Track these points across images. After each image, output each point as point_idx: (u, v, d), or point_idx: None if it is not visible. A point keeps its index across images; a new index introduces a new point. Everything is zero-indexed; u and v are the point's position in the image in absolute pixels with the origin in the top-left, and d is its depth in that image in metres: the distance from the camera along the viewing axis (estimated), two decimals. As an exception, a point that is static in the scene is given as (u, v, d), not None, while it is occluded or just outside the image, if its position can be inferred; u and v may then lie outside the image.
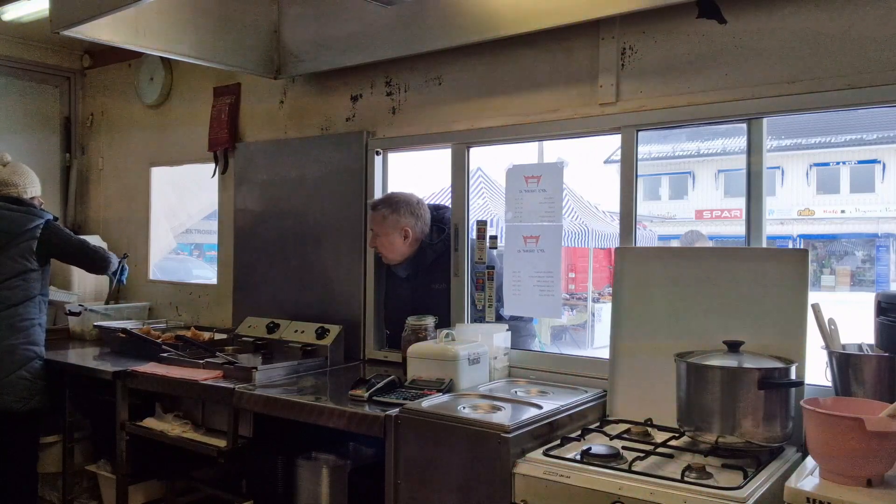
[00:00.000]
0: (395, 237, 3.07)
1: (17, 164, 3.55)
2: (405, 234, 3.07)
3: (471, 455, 2.05)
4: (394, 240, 3.08)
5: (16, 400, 3.19)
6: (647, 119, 2.57)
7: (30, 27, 4.07)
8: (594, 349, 9.01)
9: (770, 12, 2.33)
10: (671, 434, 2.12)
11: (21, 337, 3.25)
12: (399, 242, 3.08)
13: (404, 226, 3.06)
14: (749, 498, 1.68)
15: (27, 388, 3.22)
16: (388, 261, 3.16)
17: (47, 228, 3.38)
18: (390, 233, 3.07)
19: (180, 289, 4.26)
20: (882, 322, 2.01)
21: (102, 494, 3.33)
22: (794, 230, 18.60)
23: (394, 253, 3.11)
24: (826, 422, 1.71)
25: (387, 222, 3.07)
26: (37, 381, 3.26)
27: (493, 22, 2.75)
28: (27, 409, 3.22)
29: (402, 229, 3.06)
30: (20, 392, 3.20)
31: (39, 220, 3.38)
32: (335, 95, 3.49)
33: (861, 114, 13.90)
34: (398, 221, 3.06)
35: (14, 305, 3.26)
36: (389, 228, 3.07)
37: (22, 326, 3.26)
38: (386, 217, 3.07)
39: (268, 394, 2.60)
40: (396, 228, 3.06)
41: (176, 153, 4.25)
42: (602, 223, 10.95)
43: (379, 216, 3.09)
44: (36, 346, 3.31)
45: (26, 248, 3.29)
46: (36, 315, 3.33)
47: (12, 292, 3.26)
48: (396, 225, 3.06)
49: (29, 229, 3.31)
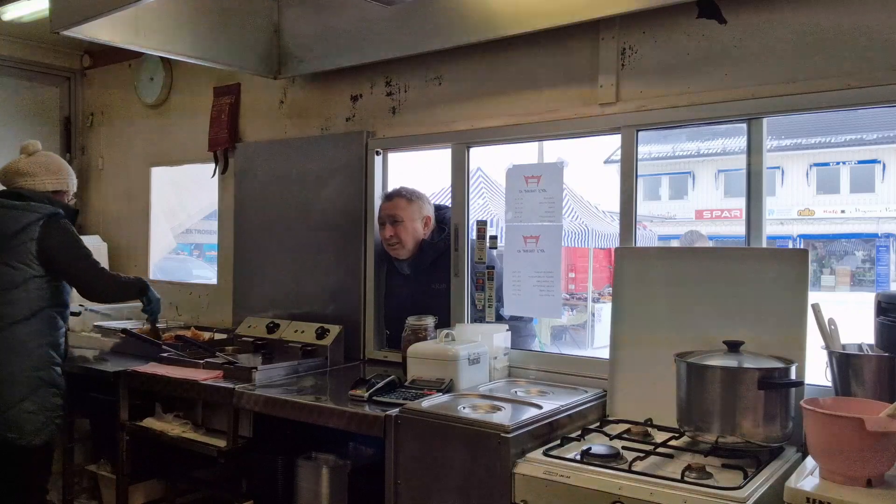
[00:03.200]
0: (418, 223, 3.10)
1: (44, 154, 3.12)
2: (426, 221, 3.11)
3: (471, 455, 2.05)
4: (416, 226, 3.10)
5: (19, 436, 2.74)
6: (647, 119, 2.57)
7: (30, 27, 4.06)
8: (594, 349, 9.01)
9: (770, 12, 2.33)
10: (671, 434, 2.12)
11: (25, 361, 2.77)
12: (420, 230, 3.11)
13: (426, 214, 3.11)
14: (749, 498, 1.68)
15: (32, 421, 2.76)
16: (398, 255, 3.15)
17: (48, 224, 2.83)
18: (415, 218, 3.09)
19: (180, 289, 4.25)
20: (882, 322, 2.01)
21: (102, 494, 3.33)
22: (794, 230, 18.61)
23: (411, 242, 3.11)
24: (826, 422, 1.71)
25: (412, 207, 3.09)
26: (44, 414, 2.79)
27: (493, 22, 2.75)
28: (32, 445, 2.78)
29: (424, 217, 3.10)
30: (25, 427, 2.75)
31: (38, 214, 2.82)
32: (335, 95, 3.49)
33: (861, 114, 13.91)
34: (421, 209, 3.10)
35: (14, 323, 2.74)
36: (414, 213, 3.09)
37: (26, 349, 2.77)
38: (411, 202, 3.10)
39: (268, 394, 2.60)
40: (419, 215, 3.10)
41: (176, 153, 4.25)
42: (602, 223, 10.95)
43: (403, 202, 3.10)
44: (43, 371, 2.80)
45: (24, 252, 2.78)
46: (46, 333, 2.83)
47: (12, 307, 2.75)
48: (420, 211, 3.10)
49: (23, 228, 2.79)
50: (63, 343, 2.93)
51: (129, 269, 4.43)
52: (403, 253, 3.14)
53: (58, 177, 3.07)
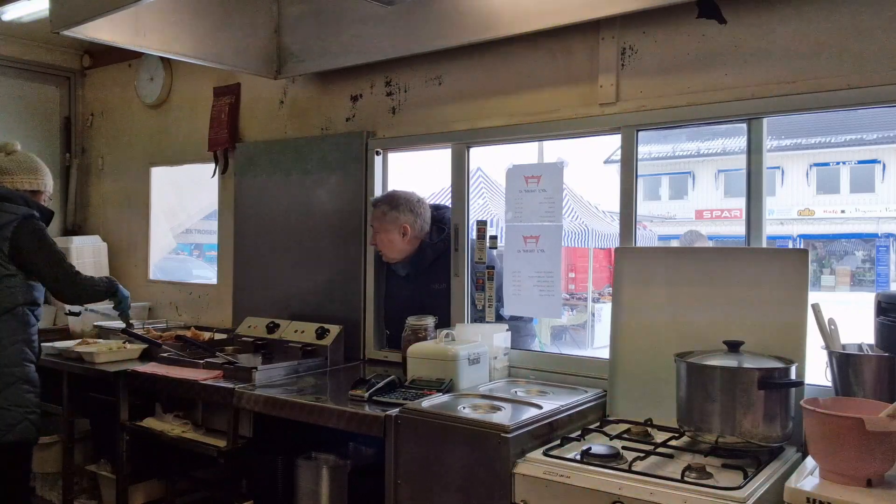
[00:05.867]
0: (394, 234, 3.08)
1: (23, 153, 3.15)
2: (404, 231, 3.08)
3: (471, 455, 2.05)
4: (393, 237, 3.08)
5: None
6: (647, 119, 2.57)
7: (30, 27, 4.07)
8: (594, 349, 9.01)
9: (770, 12, 2.33)
10: (671, 434, 2.12)
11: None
12: (398, 239, 3.09)
13: (403, 223, 3.07)
14: (749, 498, 1.68)
15: (5, 418, 2.75)
16: (387, 259, 3.17)
17: (21, 225, 2.82)
18: (389, 229, 3.08)
19: (180, 289, 4.25)
20: (882, 322, 2.01)
21: (102, 494, 3.33)
22: (794, 230, 18.62)
23: (393, 250, 3.12)
24: (826, 422, 1.71)
25: (386, 219, 3.08)
26: (17, 410, 2.78)
27: (493, 22, 2.75)
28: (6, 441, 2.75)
29: (400, 226, 3.07)
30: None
31: (12, 215, 2.82)
32: (335, 95, 3.49)
33: (861, 114, 13.90)
34: (397, 218, 3.07)
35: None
36: (389, 225, 3.07)
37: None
38: (385, 214, 3.08)
39: (268, 394, 2.60)
40: (395, 225, 3.07)
41: (176, 153, 4.25)
42: (602, 223, 10.95)
43: (379, 213, 3.10)
44: (16, 368, 2.79)
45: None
46: (17, 330, 2.82)
47: None
48: (395, 222, 3.07)
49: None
50: (36, 340, 2.92)
51: (129, 269, 4.44)
52: (390, 258, 3.16)
53: (35, 176, 3.08)
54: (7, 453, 2.79)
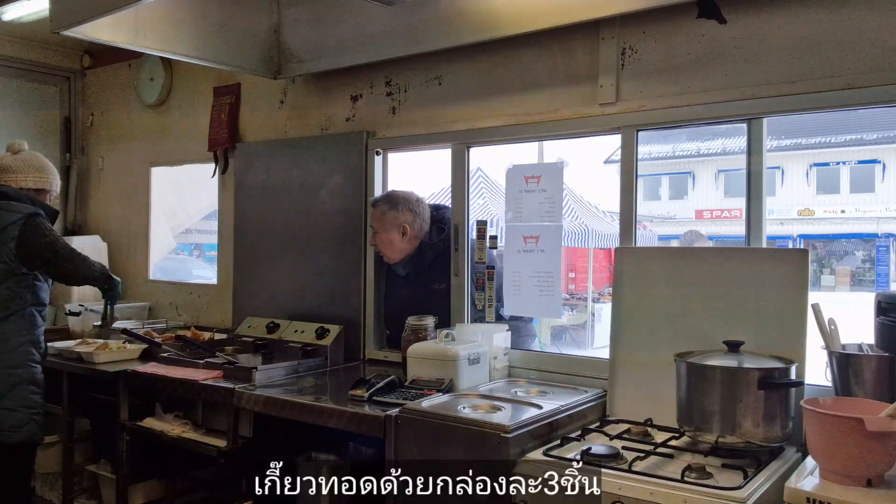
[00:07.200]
0: (394, 234, 3.08)
1: (30, 153, 3.15)
2: (403, 230, 3.08)
3: (471, 455, 2.05)
4: (392, 237, 3.08)
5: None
6: (647, 119, 2.57)
7: (30, 27, 4.07)
8: (594, 349, 9.00)
9: (770, 12, 2.33)
10: (671, 434, 2.12)
11: (4, 359, 2.79)
12: (397, 239, 3.09)
13: (402, 222, 3.07)
14: (749, 498, 1.68)
15: (11, 418, 2.78)
16: (387, 259, 3.17)
17: (26, 223, 2.84)
18: (389, 229, 3.08)
19: (180, 289, 4.25)
20: (882, 322, 2.01)
21: (102, 494, 3.33)
22: (794, 230, 18.60)
23: (392, 251, 3.12)
24: (826, 422, 1.71)
25: (385, 218, 3.08)
26: (23, 411, 2.81)
27: (493, 22, 2.75)
28: (11, 442, 2.78)
29: (400, 226, 3.07)
30: (3, 423, 2.77)
31: (18, 214, 2.84)
32: (335, 95, 3.49)
33: (861, 114, 13.91)
34: (396, 218, 3.07)
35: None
36: (388, 225, 3.07)
37: (5, 347, 2.80)
38: (384, 213, 3.08)
39: (268, 394, 2.60)
40: (394, 225, 3.07)
41: (176, 153, 4.25)
42: (602, 223, 10.94)
43: (378, 213, 3.10)
44: (23, 369, 2.82)
45: (5, 251, 2.80)
46: (25, 331, 2.84)
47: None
48: (395, 221, 3.07)
49: (4, 228, 2.81)
50: (42, 341, 2.94)
51: (129, 269, 4.44)
52: (390, 258, 3.16)
53: (41, 175, 3.09)
54: (13, 454, 2.82)
